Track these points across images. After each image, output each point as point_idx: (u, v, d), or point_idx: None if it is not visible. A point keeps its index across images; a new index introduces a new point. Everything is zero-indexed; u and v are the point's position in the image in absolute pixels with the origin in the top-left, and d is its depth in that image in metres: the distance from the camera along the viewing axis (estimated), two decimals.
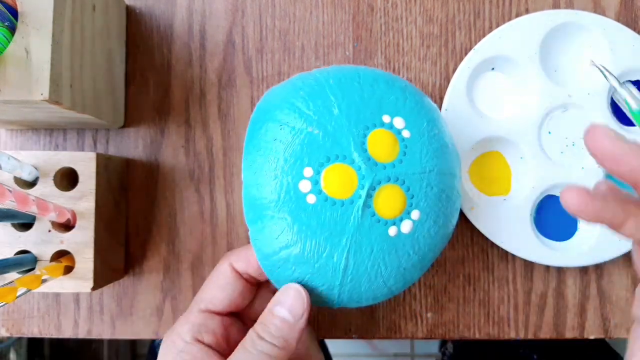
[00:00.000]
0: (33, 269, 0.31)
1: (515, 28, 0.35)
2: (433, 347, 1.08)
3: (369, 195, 0.26)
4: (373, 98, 0.28)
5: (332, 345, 0.72)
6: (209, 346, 0.27)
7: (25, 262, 0.30)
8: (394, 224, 0.26)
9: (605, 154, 0.21)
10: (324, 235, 0.26)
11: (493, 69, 0.36)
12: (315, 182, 0.26)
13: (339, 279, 0.26)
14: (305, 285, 0.27)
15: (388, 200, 0.26)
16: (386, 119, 0.27)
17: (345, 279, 0.26)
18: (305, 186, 0.26)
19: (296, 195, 0.26)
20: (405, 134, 0.27)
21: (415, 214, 0.27)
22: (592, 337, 0.36)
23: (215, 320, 0.29)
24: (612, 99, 0.35)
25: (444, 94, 0.36)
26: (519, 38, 0.35)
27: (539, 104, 0.35)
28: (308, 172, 0.26)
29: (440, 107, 0.36)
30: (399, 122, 0.28)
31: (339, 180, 0.26)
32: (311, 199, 0.26)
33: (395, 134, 0.27)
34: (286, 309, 0.26)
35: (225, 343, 0.28)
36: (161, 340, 0.31)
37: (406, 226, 0.27)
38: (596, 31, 0.35)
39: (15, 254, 0.31)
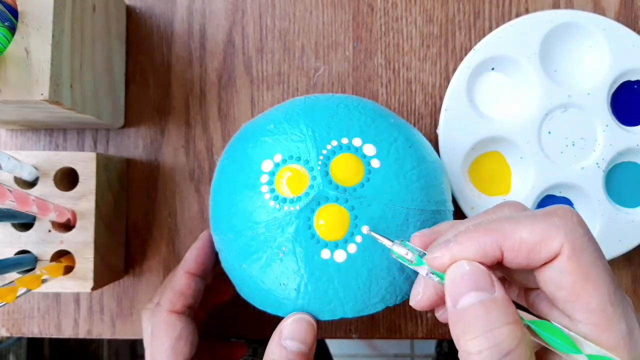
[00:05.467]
0: (33, 269, 0.31)
1: (515, 28, 0.35)
2: (433, 347, 1.08)
3: (307, 218, 0.26)
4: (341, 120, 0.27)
5: (332, 345, 0.72)
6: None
7: (25, 262, 0.30)
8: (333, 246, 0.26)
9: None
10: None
11: (493, 69, 0.36)
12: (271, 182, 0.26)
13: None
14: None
15: (332, 221, 0.25)
16: (356, 142, 0.27)
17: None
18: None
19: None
20: (374, 163, 0.26)
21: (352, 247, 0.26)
22: None
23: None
24: (612, 98, 0.35)
25: (444, 94, 0.36)
26: (519, 38, 0.35)
27: (539, 104, 0.35)
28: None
29: (440, 107, 0.36)
30: (369, 149, 0.27)
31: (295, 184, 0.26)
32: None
33: (360, 158, 0.26)
34: (298, 341, 0.25)
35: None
36: None
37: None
38: (596, 31, 0.35)
39: (15, 254, 0.31)
